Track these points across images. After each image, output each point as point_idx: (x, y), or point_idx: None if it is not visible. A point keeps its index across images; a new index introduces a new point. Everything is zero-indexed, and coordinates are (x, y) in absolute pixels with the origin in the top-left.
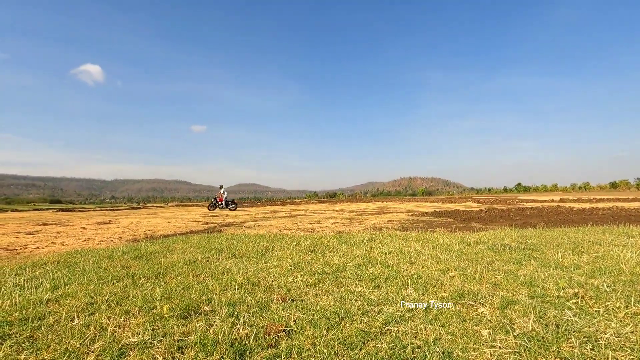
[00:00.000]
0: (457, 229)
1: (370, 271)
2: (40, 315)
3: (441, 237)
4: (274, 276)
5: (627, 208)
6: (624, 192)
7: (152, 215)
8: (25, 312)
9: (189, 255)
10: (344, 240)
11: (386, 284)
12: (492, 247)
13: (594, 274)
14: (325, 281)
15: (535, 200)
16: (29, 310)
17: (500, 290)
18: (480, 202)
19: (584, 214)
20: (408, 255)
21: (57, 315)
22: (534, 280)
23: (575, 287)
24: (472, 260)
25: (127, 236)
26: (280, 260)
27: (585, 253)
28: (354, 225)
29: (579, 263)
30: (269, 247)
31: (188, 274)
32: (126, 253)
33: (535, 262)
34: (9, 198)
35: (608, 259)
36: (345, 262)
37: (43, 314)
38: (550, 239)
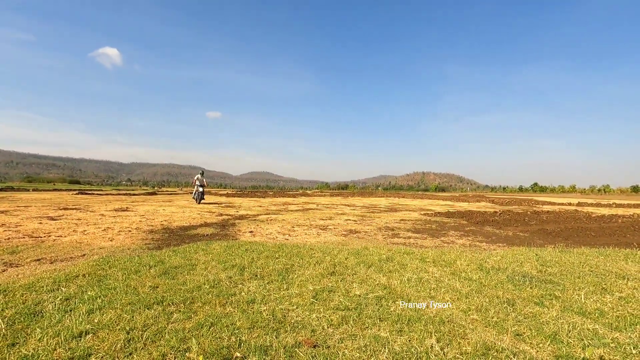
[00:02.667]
0: (470, 232)
1: (392, 309)
2: (84, 354)
3: (459, 260)
4: (297, 309)
5: None
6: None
7: (167, 203)
8: (69, 350)
9: (213, 274)
10: (362, 259)
11: (409, 328)
12: (512, 277)
13: (618, 325)
14: (349, 321)
15: (552, 203)
16: (72, 346)
17: (524, 343)
18: (494, 202)
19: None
20: (427, 286)
21: (98, 355)
22: (558, 332)
23: (600, 347)
24: (493, 297)
25: (144, 226)
26: (301, 287)
27: (608, 292)
28: (365, 223)
29: (602, 308)
30: (288, 267)
31: (214, 303)
32: (152, 267)
33: (557, 304)
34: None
35: (633, 303)
36: (365, 293)
37: (86, 353)
38: (571, 266)
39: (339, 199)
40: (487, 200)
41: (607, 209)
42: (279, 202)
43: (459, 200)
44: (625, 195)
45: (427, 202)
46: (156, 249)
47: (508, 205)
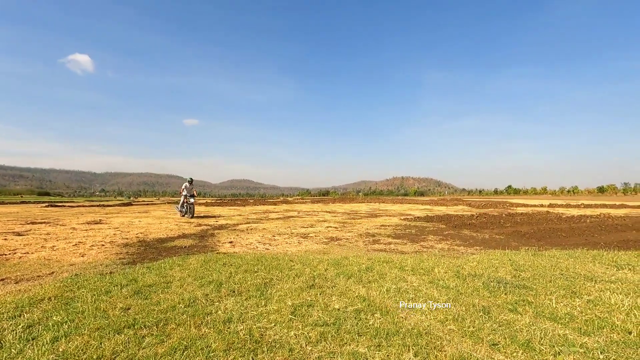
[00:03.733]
0: (448, 236)
1: (371, 322)
2: None
3: (437, 267)
4: (275, 326)
5: (613, 215)
6: (611, 197)
7: (143, 214)
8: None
9: (188, 291)
10: (342, 270)
11: (387, 342)
12: (487, 284)
13: (587, 330)
14: (327, 338)
15: (525, 205)
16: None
17: (498, 353)
18: (471, 206)
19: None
20: (406, 296)
21: None
22: (531, 340)
23: (570, 353)
24: (469, 305)
25: (118, 240)
26: (279, 302)
27: (577, 296)
28: (347, 230)
29: (572, 312)
30: (267, 281)
31: (189, 324)
32: (124, 287)
33: (530, 310)
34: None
35: (600, 306)
36: (345, 306)
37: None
38: (543, 270)
39: (320, 205)
40: (464, 204)
41: (576, 209)
42: (259, 210)
43: (437, 204)
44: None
45: (407, 206)
46: (131, 264)
47: (484, 208)
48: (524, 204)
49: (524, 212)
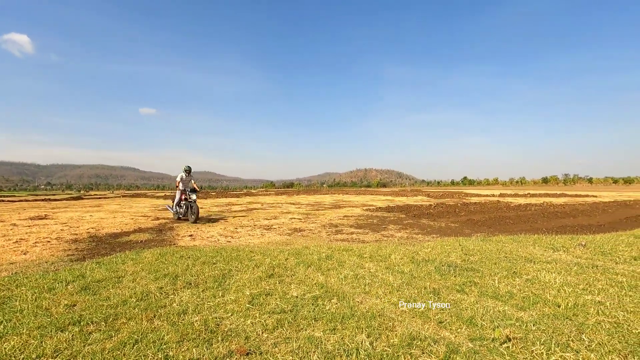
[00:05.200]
0: (408, 225)
1: (328, 307)
2: None
3: (393, 254)
4: (232, 316)
5: (554, 204)
6: (553, 186)
7: (95, 208)
8: None
9: (141, 285)
10: (302, 259)
11: (342, 326)
12: (439, 268)
13: (524, 305)
14: (284, 324)
15: (478, 195)
16: None
17: (445, 330)
18: (429, 196)
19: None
20: (363, 281)
21: None
22: (474, 316)
23: (507, 326)
24: (421, 288)
25: (66, 236)
26: (237, 292)
27: (518, 276)
28: (310, 221)
29: (512, 290)
30: (225, 272)
31: (141, 318)
32: (70, 283)
33: (475, 290)
34: None
35: (536, 284)
36: (303, 294)
37: None
38: (490, 254)
39: (284, 197)
40: (423, 194)
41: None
42: (221, 202)
43: (398, 195)
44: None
45: (370, 197)
46: (80, 261)
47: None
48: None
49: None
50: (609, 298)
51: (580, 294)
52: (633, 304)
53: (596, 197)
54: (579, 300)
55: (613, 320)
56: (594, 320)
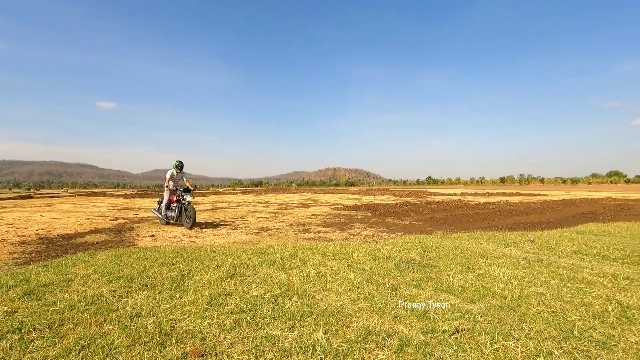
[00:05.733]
0: (374, 223)
1: (287, 306)
2: None
3: (356, 252)
4: (188, 317)
5: (510, 202)
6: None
7: (46, 207)
8: None
9: (93, 288)
10: (265, 259)
11: (300, 323)
12: (399, 264)
13: (474, 298)
14: (242, 324)
15: (441, 194)
16: None
17: (399, 324)
18: (396, 195)
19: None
20: (324, 279)
21: None
22: (428, 310)
23: (457, 318)
24: (380, 285)
25: (12, 237)
26: (196, 293)
27: (471, 271)
28: (278, 220)
29: (465, 284)
30: (185, 273)
31: (90, 323)
32: (12, 288)
33: (431, 285)
34: None
35: (487, 278)
36: (263, 293)
37: None
38: (447, 250)
39: (252, 196)
40: (390, 193)
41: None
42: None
43: (366, 194)
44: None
45: (338, 196)
46: (26, 264)
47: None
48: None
49: (441, 200)
50: (550, 289)
51: (525, 287)
52: (570, 294)
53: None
54: (523, 292)
55: (551, 310)
56: (535, 310)
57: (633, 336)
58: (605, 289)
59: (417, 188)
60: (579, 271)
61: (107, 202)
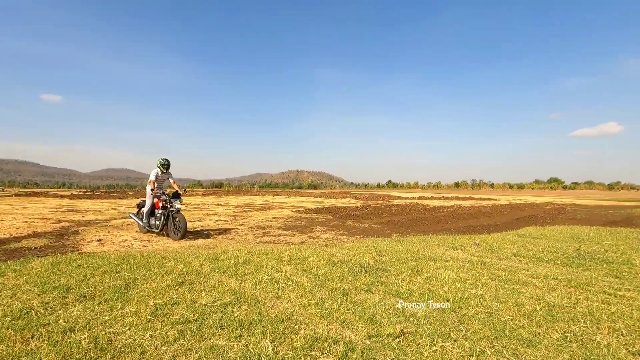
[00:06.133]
0: (334, 227)
1: (236, 314)
2: None
3: (312, 256)
4: (129, 330)
5: (463, 206)
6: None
7: None
8: None
9: (22, 301)
10: (218, 265)
11: (248, 332)
12: (352, 269)
13: (419, 301)
14: (186, 335)
15: (400, 197)
16: None
17: (347, 329)
18: (357, 198)
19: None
20: (277, 285)
21: None
22: (375, 314)
23: (402, 322)
24: (332, 289)
25: None
26: (140, 303)
27: (420, 274)
28: (237, 223)
29: (412, 287)
30: (130, 282)
31: (14, 340)
32: None
33: (381, 289)
34: None
35: (434, 281)
36: (212, 301)
37: None
38: (400, 254)
39: (211, 198)
40: (351, 197)
41: (438, 201)
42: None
43: (327, 197)
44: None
45: (300, 199)
46: None
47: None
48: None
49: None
50: (488, 291)
51: (467, 289)
52: (506, 295)
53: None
54: (464, 294)
55: (487, 311)
56: (473, 312)
57: (555, 333)
58: (537, 289)
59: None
60: (515, 273)
61: (49, 203)
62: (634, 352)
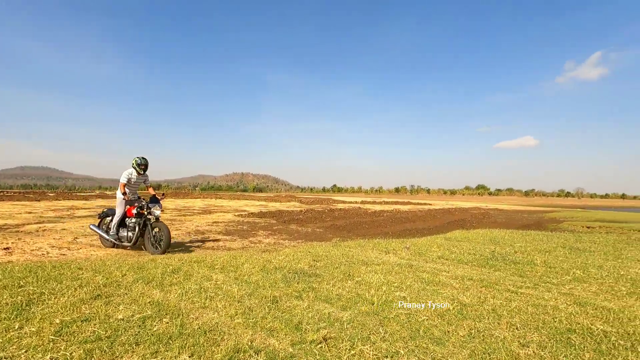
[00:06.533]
0: (277, 231)
1: (156, 328)
2: None
3: (247, 263)
4: (27, 352)
5: (401, 210)
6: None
7: None
8: None
9: None
10: (143, 274)
11: (166, 347)
12: (286, 275)
13: (347, 306)
14: (94, 354)
15: (344, 202)
16: None
17: (272, 338)
18: (302, 202)
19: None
20: (205, 295)
21: None
22: (302, 321)
23: (327, 328)
24: (262, 298)
25: None
26: (43, 322)
27: (351, 278)
28: (174, 228)
29: (342, 292)
30: (34, 297)
31: None
32: None
33: (312, 295)
34: None
35: (363, 285)
36: (131, 315)
37: None
38: (335, 259)
39: None
40: (296, 200)
41: (379, 205)
42: (62, 206)
43: (272, 201)
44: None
45: (244, 202)
46: None
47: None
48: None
49: (343, 207)
50: (411, 293)
51: (393, 291)
52: (426, 296)
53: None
54: (389, 297)
55: (407, 312)
56: (395, 314)
57: (463, 330)
58: (454, 289)
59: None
60: (437, 274)
61: None
62: (525, 343)
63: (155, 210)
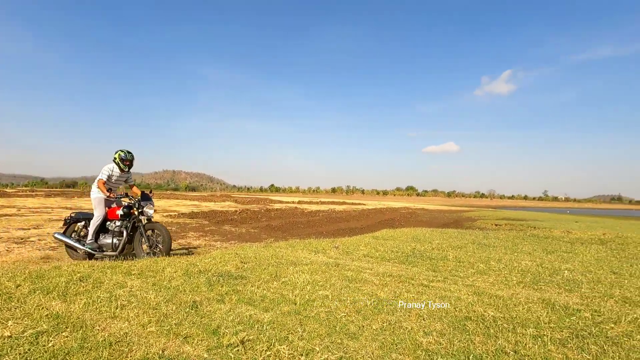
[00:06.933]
0: (209, 232)
1: (52, 344)
2: None
3: (169, 267)
4: None
5: (337, 210)
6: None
7: None
8: None
9: None
10: (43, 284)
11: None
12: (210, 279)
13: (269, 307)
14: None
15: (281, 202)
16: None
17: (187, 345)
18: (237, 202)
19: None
20: (115, 304)
21: None
22: (220, 325)
23: (245, 330)
24: (181, 303)
25: None
26: None
27: (277, 279)
28: None
29: (266, 293)
30: None
31: None
32: None
33: (235, 298)
34: None
35: (289, 285)
36: (22, 331)
37: None
38: (263, 260)
39: (58, 200)
40: (232, 200)
41: (315, 205)
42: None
43: (206, 200)
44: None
45: (174, 202)
46: None
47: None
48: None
49: (279, 207)
50: (334, 291)
51: (317, 290)
52: (347, 293)
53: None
54: (312, 296)
55: (328, 310)
56: (315, 312)
57: (377, 324)
58: (374, 286)
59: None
60: (361, 272)
61: None
62: (428, 332)
63: (147, 210)
